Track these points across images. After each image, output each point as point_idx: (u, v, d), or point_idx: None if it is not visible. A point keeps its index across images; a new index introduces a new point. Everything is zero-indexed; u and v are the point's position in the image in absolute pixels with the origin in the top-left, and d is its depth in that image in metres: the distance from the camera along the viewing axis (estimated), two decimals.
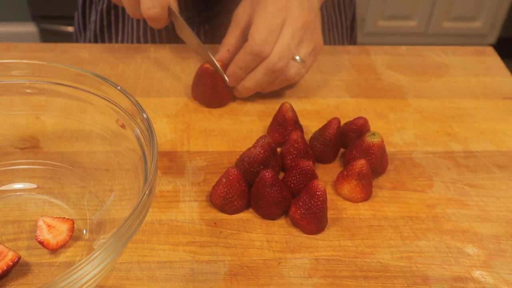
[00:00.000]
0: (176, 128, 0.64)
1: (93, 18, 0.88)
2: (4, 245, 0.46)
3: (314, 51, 0.66)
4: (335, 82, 0.74)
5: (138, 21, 0.84)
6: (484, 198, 0.57)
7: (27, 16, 2.13)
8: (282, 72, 0.64)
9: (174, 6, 0.67)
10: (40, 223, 0.49)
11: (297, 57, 0.64)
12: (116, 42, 0.87)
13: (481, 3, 2.23)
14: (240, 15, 0.67)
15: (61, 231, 0.49)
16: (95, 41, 0.88)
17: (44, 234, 0.48)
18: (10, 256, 0.46)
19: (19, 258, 0.46)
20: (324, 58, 0.78)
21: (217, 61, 0.67)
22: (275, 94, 0.70)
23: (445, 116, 0.69)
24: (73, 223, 0.50)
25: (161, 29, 0.84)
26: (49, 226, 0.49)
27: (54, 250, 0.49)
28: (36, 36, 2.15)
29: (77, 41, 0.95)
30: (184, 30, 0.69)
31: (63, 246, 0.49)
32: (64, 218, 0.50)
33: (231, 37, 0.67)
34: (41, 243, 0.48)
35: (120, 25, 0.86)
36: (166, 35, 0.85)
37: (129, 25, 0.85)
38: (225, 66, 0.67)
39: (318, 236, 0.52)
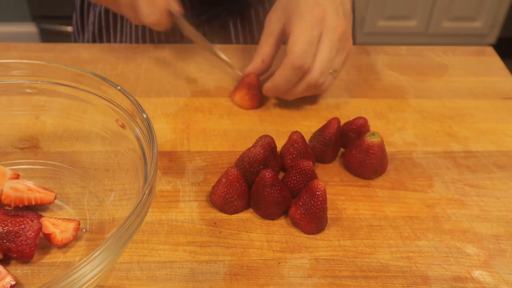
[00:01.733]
0: (176, 128, 0.64)
1: (91, 19, 0.88)
2: (4, 267, 0.46)
3: (345, 59, 0.65)
4: (335, 82, 0.73)
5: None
6: (484, 198, 0.57)
7: (27, 16, 2.13)
8: (321, 85, 0.64)
9: (175, 8, 0.67)
10: (46, 222, 0.49)
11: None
12: (115, 43, 0.87)
13: (481, 3, 2.23)
14: (273, 22, 0.65)
15: (67, 229, 0.49)
16: (94, 42, 0.88)
17: (51, 228, 0.48)
18: (7, 280, 0.46)
19: (16, 283, 0.46)
20: None
21: (251, 72, 0.66)
22: None
23: (445, 116, 0.69)
24: (79, 224, 0.50)
25: (160, 30, 0.83)
26: (54, 224, 0.49)
27: (58, 246, 0.49)
28: (36, 36, 2.16)
29: (75, 42, 0.95)
30: (188, 30, 0.69)
31: (67, 244, 0.49)
32: (70, 218, 0.51)
33: (265, 47, 0.66)
34: (47, 235, 0.48)
35: (119, 27, 0.86)
36: (165, 36, 0.85)
37: (127, 27, 0.85)
38: (259, 75, 0.67)
39: (318, 236, 0.52)
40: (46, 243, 0.49)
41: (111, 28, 0.86)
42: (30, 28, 2.17)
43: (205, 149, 0.62)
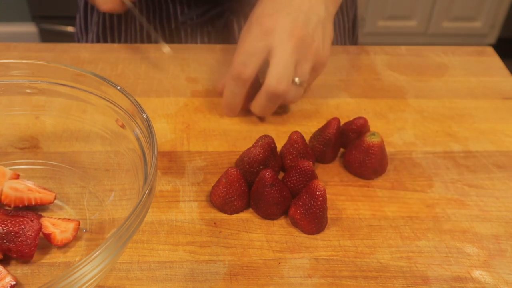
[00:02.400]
0: (176, 128, 0.64)
1: (95, 20, 0.88)
2: (4, 267, 0.46)
3: (315, 69, 0.63)
4: (335, 82, 0.74)
5: (140, 22, 0.84)
6: (483, 198, 0.57)
7: (27, 16, 2.13)
8: (285, 95, 0.61)
9: None
10: (46, 222, 0.49)
11: (296, 79, 0.61)
12: (115, 43, 0.87)
13: (481, 3, 2.23)
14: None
15: (67, 229, 0.49)
16: (98, 43, 0.88)
17: (51, 228, 0.48)
18: (7, 280, 0.46)
19: (16, 283, 0.46)
20: None
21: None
22: None
23: (445, 116, 0.69)
24: (79, 224, 0.50)
25: (164, 30, 0.84)
26: (54, 224, 0.49)
27: (58, 246, 0.49)
28: (36, 36, 2.16)
29: (78, 42, 0.95)
30: (138, 17, 0.77)
31: (67, 244, 0.49)
32: (70, 218, 0.51)
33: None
34: (47, 235, 0.48)
35: (123, 27, 0.85)
36: (169, 37, 0.85)
37: (132, 27, 0.85)
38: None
39: (318, 236, 0.52)
40: (46, 243, 0.49)
41: (115, 29, 0.86)
42: (30, 28, 2.17)
43: (205, 149, 0.62)
